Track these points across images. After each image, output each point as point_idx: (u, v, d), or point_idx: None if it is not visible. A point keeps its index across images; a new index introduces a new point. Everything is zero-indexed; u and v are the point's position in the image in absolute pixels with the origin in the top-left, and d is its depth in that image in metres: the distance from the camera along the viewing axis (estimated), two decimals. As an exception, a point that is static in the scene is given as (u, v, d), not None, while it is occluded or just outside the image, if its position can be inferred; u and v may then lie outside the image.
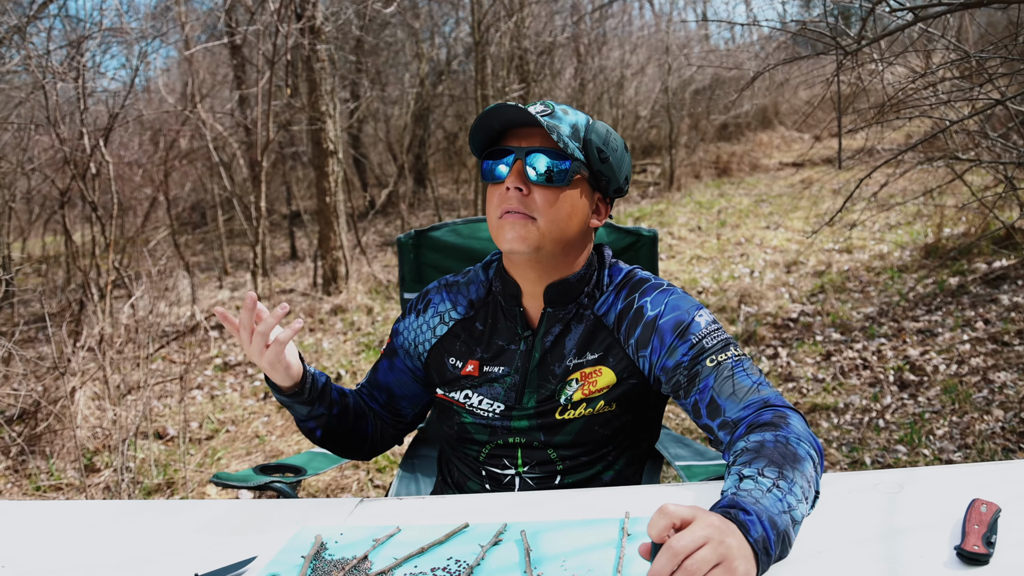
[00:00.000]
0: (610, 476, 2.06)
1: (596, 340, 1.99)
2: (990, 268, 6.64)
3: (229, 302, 9.53)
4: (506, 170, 1.89)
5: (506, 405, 2.02)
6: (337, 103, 9.97)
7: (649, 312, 1.94)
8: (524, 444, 2.03)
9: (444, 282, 2.18)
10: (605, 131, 1.93)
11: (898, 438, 4.43)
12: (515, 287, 2.02)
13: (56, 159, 7.98)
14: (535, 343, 2.02)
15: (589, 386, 1.97)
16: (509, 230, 1.89)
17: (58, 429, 5.15)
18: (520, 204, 1.87)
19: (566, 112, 1.92)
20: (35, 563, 1.74)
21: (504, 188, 1.89)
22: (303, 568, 1.57)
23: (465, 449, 2.11)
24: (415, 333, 2.16)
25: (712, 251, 9.57)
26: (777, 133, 18.68)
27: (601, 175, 1.94)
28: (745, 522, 1.36)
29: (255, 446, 5.30)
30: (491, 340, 2.06)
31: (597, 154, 1.90)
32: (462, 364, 2.08)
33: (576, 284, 2.00)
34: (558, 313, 2.01)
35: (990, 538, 1.38)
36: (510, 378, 2.02)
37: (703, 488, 1.76)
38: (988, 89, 3.74)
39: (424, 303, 2.17)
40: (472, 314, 2.11)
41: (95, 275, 6.72)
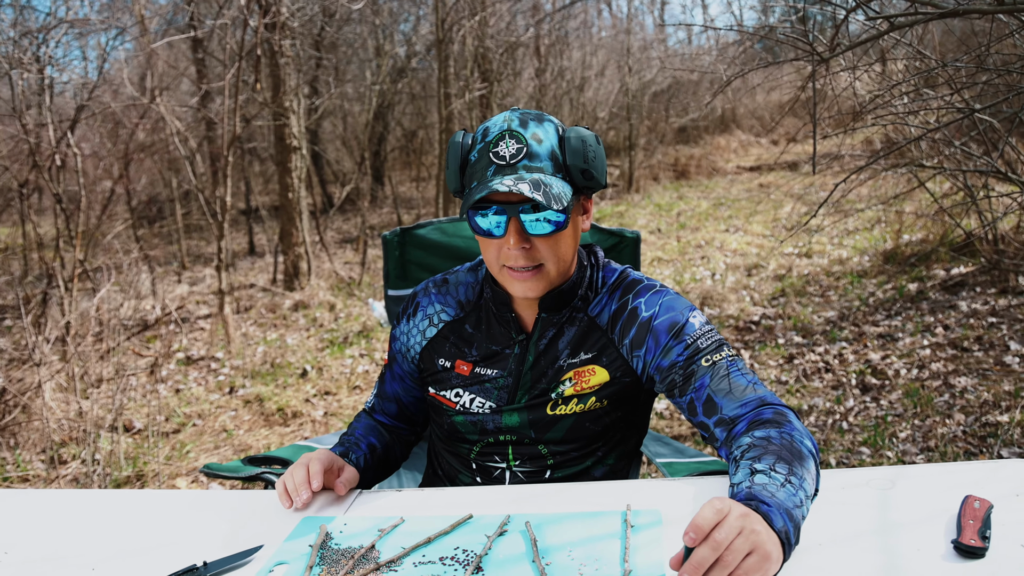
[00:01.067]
0: (601, 472, 2.09)
1: (589, 340, 2.01)
2: (949, 275, 6.76)
3: (188, 296, 9.46)
4: (500, 227, 1.87)
5: (497, 404, 2.04)
6: (301, 99, 9.94)
7: (643, 313, 1.97)
8: (515, 441, 2.05)
9: (433, 283, 2.19)
10: (580, 143, 1.88)
11: (862, 440, 4.50)
12: (506, 295, 2.03)
13: (16, 150, 7.89)
14: (529, 347, 2.04)
15: (582, 383, 2.00)
16: (519, 285, 1.91)
17: (23, 421, 5.10)
18: (527, 260, 1.88)
19: (539, 140, 1.86)
20: (38, 550, 1.74)
21: (504, 245, 1.88)
22: (311, 557, 1.59)
23: (456, 446, 2.13)
24: (407, 337, 2.17)
25: (673, 253, 9.65)
26: (735, 137, 18.84)
27: (586, 187, 1.93)
28: (767, 513, 1.41)
29: (223, 440, 5.28)
30: (483, 344, 2.07)
31: (581, 174, 1.88)
32: (451, 364, 2.09)
33: (570, 290, 2.01)
34: (552, 317, 2.03)
35: (985, 532, 1.43)
36: (503, 380, 2.04)
37: (696, 483, 1.80)
38: (956, 99, 3.82)
39: (413, 306, 2.18)
40: (462, 315, 2.12)
41: (59, 267, 6.65)
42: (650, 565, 1.46)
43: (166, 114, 8.53)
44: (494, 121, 1.90)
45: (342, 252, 11.66)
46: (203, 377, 6.62)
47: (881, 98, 4.12)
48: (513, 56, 13.13)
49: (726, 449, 1.77)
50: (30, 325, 5.41)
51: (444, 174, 10.69)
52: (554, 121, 1.92)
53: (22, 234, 9.53)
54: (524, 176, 1.81)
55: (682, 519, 1.63)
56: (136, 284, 8.23)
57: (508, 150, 1.84)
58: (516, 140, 1.84)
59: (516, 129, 1.85)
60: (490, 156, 1.85)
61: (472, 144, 1.92)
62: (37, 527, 1.86)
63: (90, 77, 9.37)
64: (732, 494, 1.51)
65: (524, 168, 1.83)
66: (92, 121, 9.32)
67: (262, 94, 8.82)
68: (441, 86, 10.39)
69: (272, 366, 6.68)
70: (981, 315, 5.84)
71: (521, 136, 1.84)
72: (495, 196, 1.84)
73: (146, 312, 8.36)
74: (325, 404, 5.81)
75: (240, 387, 6.25)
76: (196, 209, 13.31)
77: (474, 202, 1.84)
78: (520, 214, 1.84)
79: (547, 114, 1.94)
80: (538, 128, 1.87)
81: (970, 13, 2.88)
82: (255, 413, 5.69)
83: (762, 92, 16.65)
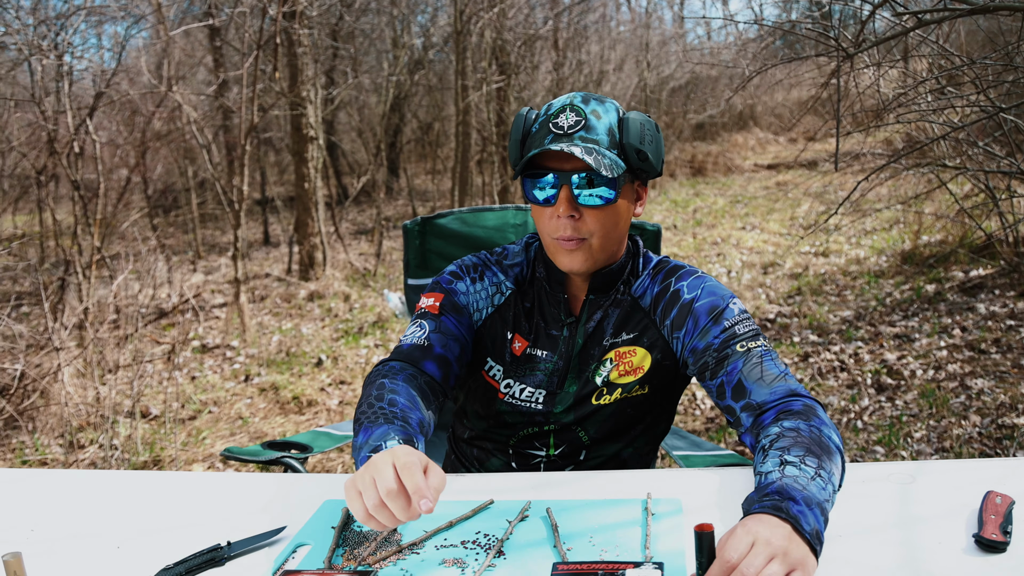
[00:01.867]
0: (629, 453, 2.11)
1: (632, 321, 2.03)
2: (967, 277, 6.74)
3: (204, 285, 9.50)
4: (552, 194, 1.90)
5: (547, 391, 2.05)
6: (319, 89, 9.95)
7: (686, 295, 1.98)
8: (557, 430, 2.07)
9: (494, 254, 2.18)
10: (639, 127, 1.92)
11: (876, 439, 4.50)
12: (561, 274, 2.04)
13: (34, 137, 7.92)
14: (578, 330, 2.05)
15: (624, 366, 2.02)
16: (565, 257, 1.93)
17: (41, 405, 5.13)
18: (573, 230, 1.90)
19: (598, 115, 1.90)
20: (63, 529, 1.76)
21: (554, 214, 1.91)
22: (333, 538, 1.61)
23: (495, 433, 2.14)
24: (474, 297, 2.12)
25: (689, 250, 9.64)
26: (753, 135, 18.79)
27: (641, 171, 1.96)
28: (797, 515, 1.39)
29: (239, 427, 5.30)
30: (536, 323, 2.09)
31: (636, 155, 1.91)
32: (511, 336, 2.09)
33: (618, 271, 2.04)
34: (600, 300, 2.05)
35: (1006, 528, 1.44)
36: (552, 364, 2.05)
37: (716, 473, 1.81)
38: (980, 99, 3.80)
39: (478, 272, 2.14)
40: (519, 291, 2.12)
41: (76, 254, 6.68)
42: (670, 553, 1.46)
43: (183, 103, 8.56)
44: (558, 99, 1.95)
45: (357, 243, 11.68)
46: (219, 365, 6.65)
47: (904, 96, 4.11)
48: (531, 49, 13.11)
49: (751, 435, 1.77)
50: (48, 311, 5.44)
51: (460, 167, 10.77)
52: (616, 104, 1.97)
53: (39, 221, 9.57)
54: (579, 144, 1.85)
55: (702, 508, 1.64)
56: (153, 272, 8.26)
57: (567, 121, 1.89)
58: (576, 113, 1.89)
59: (578, 104, 1.91)
60: (549, 126, 1.90)
61: (535, 119, 1.97)
62: (62, 506, 1.87)
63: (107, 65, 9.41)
64: (761, 483, 1.50)
65: (580, 138, 1.87)
66: (109, 109, 9.35)
67: (279, 83, 8.83)
68: (458, 78, 10.38)
69: (287, 355, 6.70)
70: (999, 317, 5.82)
71: (581, 110, 1.90)
72: (549, 163, 1.89)
73: (162, 300, 8.40)
74: (340, 393, 5.83)
75: (255, 375, 6.27)
76: (212, 198, 13.36)
77: (528, 167, 1.91)
78: (573, 185, 1.87)
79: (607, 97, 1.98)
80: (599, 106, 1.92)
81: (1000, 10, 2.87)
82: (270, 401, 5.72)
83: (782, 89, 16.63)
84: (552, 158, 1.89)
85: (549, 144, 1.85)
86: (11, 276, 8.51)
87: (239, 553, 1.60)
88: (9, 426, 5.17)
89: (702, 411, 5.14)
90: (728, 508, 1.63)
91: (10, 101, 7.69)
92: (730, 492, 1.70)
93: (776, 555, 1.31)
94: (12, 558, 1.40)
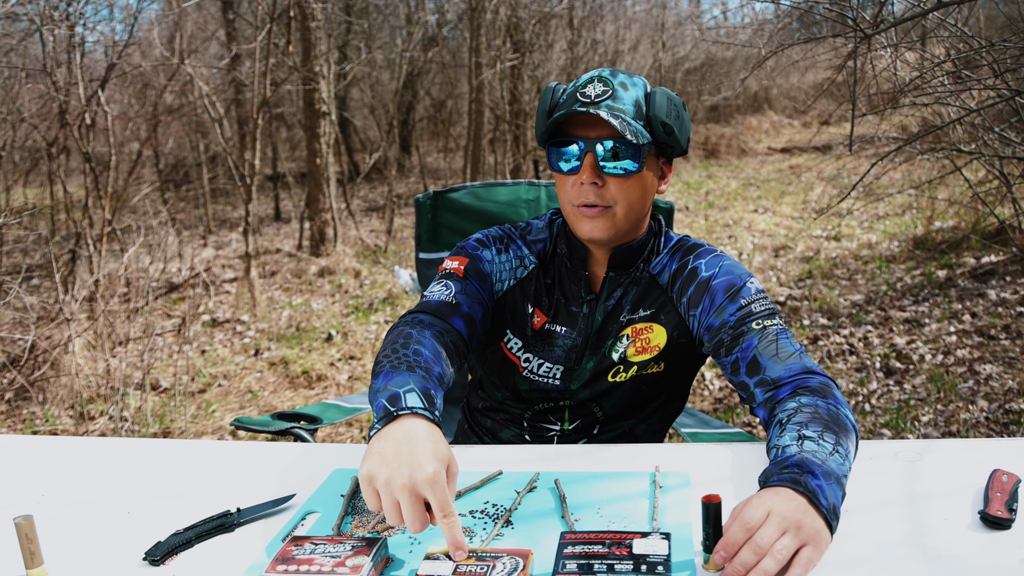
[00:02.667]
0: (642, 429, 2.12)
1: (649, 298, 2.04)
2: (979, 263, 6.72)
3: (214, 260, 9.52)
4: (577, 162, 1.90)
5: (565, 367, 2.06)
6: (331, 64, 9.94)
7: (703, 273, 1.98)
8: (572, 406, 2.08)
9: (518, 228, 2.18)
10: (666, 101, 1.92)
11: (884, 422, 4.50)
12: (583, 250, 2.04)
13: (45, 109, 7.93)
14: (597, 307, 2.05)
15: (642, 343, 2.02)
16: (587, 223, 1.93)
17: (51, 376, 5.16)
18: (597, 197, 1.90)
19: (625, 87, 1.90)
20: (74, 494, 1.77)
21: (578, 181, 1.90)
22: (343, 506, 1.62)
23: (511, 405, 2.15)
24: (498, 267, 2.12)
25: (700, 231, 9.63)
26: (767, 118, 18.72)
27: (666, 146, 1.96)
28: (815, 489, 1.38)
29: (248, 400, 5.33)
30: (557, 297, 2.09)
31: (662, 128, 1.91)
32: (532, 311, 2.09)
33: (639, 249, 2.04)
34: (620, 277, 2.05)
35: (1012, 505, 1.44)
36: (571, 340, 2.06)
37: (725, 448, 1.81)
38: (997, 83, 3.78)
39: (504, 244, 2.14)
40: (541, 266, 2.12)
41: (87, 227, 6.70)
42: (678, 525, 1.47)
43: (195, 76, 8.56)
44: (588, 73, 1.95)
45: (368, 220, 11.69)
46: (228, 339, 6.68)
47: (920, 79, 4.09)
48: (546, 27, 13.06)
49: (764, 409, 1.77)
50: (59, 283, 5.46)
51: (473, 145, 10.75)
52: (645, 80, 1.97)
53: (50, 194, 9.59)
54: (604, 111, 1.85)
55: (710, 482, 1.64)
56: (163, 246, 8.29)
57: (594, 90, 1.89)
58: (603, 84, 1.90)
59: (606, 75, 1.92)
60: (577, 95, 1.90)
61: (563, 92, 1.98)
62: (73, 473, 1.89)
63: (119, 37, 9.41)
64: (778, 456, 1.50)
65: (607, 107, 1.87)
66: (121, 82, 9.36)
67: (292, 58, 8.83)
68: (472, 56, 10.36)
69: (297, 330, 6.72)
70: (1010, 304, 5.81)
71: (609, 81, 1.90)
72: (575, 131, 1.90)
73: (173, 274, 8.43)
74: (350, 368, 5.85)
75: (265, 350, 6.30)
76: (223, 173, 13.37)
77: (553, 135, 1.92)
78: (597, 149, 1.88)
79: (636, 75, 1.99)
80: (627, 79, 1.93)
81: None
82: (280, 375, 5.74)
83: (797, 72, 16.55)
84: (577, 125, 1.90)
85: (576, 108, 1.85)
86: (22, 248, 8.54)
87: (249, 520, 1.61)
88: (20, 396, 5.20)
89: (710, 391, 5.15)
90: (736, 482, 1.64)
91: (22, 72, 7.69)
92: (738, 467, 1.71)
93: (789, 528, 1.31)
94: (24, 520, 1.42)
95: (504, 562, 1.34)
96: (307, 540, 1.43)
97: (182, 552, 1.51)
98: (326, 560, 1.37)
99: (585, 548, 1.34)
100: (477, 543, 1.47)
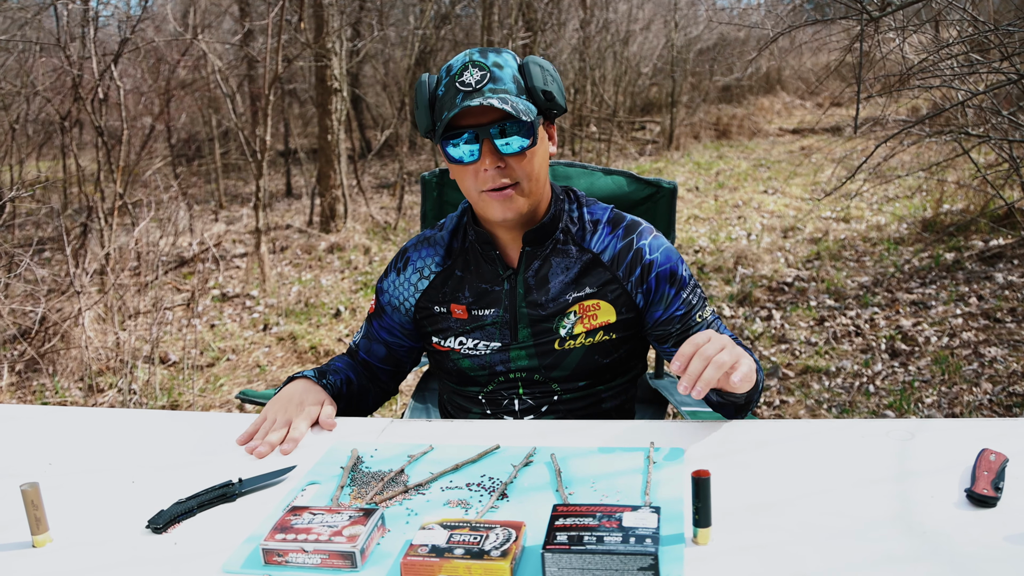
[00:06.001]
0: (608, 394, 2.18)
1: (592, 275, 2.08)
2: (987, 246, 6.72)
3: (225, 235, 9.55)
4: (474, 151, 1.94)
5: (501, 344, 2.11)
6: (344, 41, 9.94)
7: (647, 256, 2.06)
8: (524, 379, 2.12)
9: (421, 238, 2.25)
10: (538, 68, 1.97)
11: (887, 404, 4.52)
12: (488, 234, 2.10)
13: (58, 83, 7.96)
14: (517, 280, 2.10)
15: (589, 320, 2.07)
16: (498, 206, 1.97)
17: (61, 349, 5.20)
18: (502, 177, 1.95)
19: (500, 67, 1.95)
20: (80, 463, 1.81)
21: (480, 168, 1.95)
22: (342, 478, 1.65)
23: (465, 389, 2.20)
24: (398, 290, 2.22)
25: (710, 212, 9.62)
26: (779, 99, 18.64)
27: (549, 111, 2.01)
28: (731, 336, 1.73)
29: (256, 375, 5.37)
30: (474, 284, 2.13)
31: (543, 96, 1.96)
32: (447, 309, 2.15)
33: (551, 223, 2.08)
34: (536, 250, 2.09)
35: (998, 484, 1.47)
36: (499, 318, 2.10)
37: (718, 425, 1.84)
38: (1005, 66, 3.78)
39: (403, 261, 2.23)
40: (450, 263, 2.18)
41: (99, 200, 6.74)
42: (670, 500, 1.50)
43: (208, 51, 8.58)
44: (456, 59, 1.98)
45: (378, 197, 11.71)
46: (237, 314, 6.72)
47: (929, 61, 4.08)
48: (559, 6, 13.04)
49: None
50: (70, 256, 5.50)
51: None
52: (512, 52, 2.02)
53: (63, 167, 9.62)
54: (491, 96, 1.89)
55: (704, 458, 1.67)
56: (174, 220, 8.32)
57: (472, 77, 1.92)
58: (479, 68, 1.93)
59: (478, 59, 1.95)
60: (456, 86, 1.93)
61: (438, 83, 2.00)
62: (79, 442, 1.93)
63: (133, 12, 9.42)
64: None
65: (490, 91, 1.91)
66: (134, 56, 9.38)
67: (304, 34, 8.83)
68: (484, 34, 10.35)
69: (306, 305, 6.76)
70: (1017, 287, 5.81)
71: (483, 64, 1.94)
72: (463, 121, 1.93)
73: (183, 248, 8.47)
74: (357, 344, 5.88)
75: (274, 325, 6.33)
76: (235, 148, 13.39)
77: (446, 129, 1.94)
78: (492, 137, 1.91)
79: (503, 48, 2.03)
80: (498, 57, 1.97)
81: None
82: (288, 350, 5.78)
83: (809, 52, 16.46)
84: (467, 115, 1.93)
85: (464, 102, 1.88)
86: (34, 221, 8.58)
87: (250, 490, 1.64)
88: (30, 368, 5.25)
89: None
90: (731, 458, 1.67)
91: (35, 46, 7.72)
92: (733, 443, 1.74)
93: (726, 346, 1.64)
94: (30, 487, 1.45)
95: (497, 532, 1.37)
96: (306, 510, 1.47)
97: (184, 520, 1.55)
98: (324, 529, 1.40)
99: (576, 520, 1.36)
100: (473, 515, 1.50)
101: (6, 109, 8.27)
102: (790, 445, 1.71)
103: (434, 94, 1.99)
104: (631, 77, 15.62)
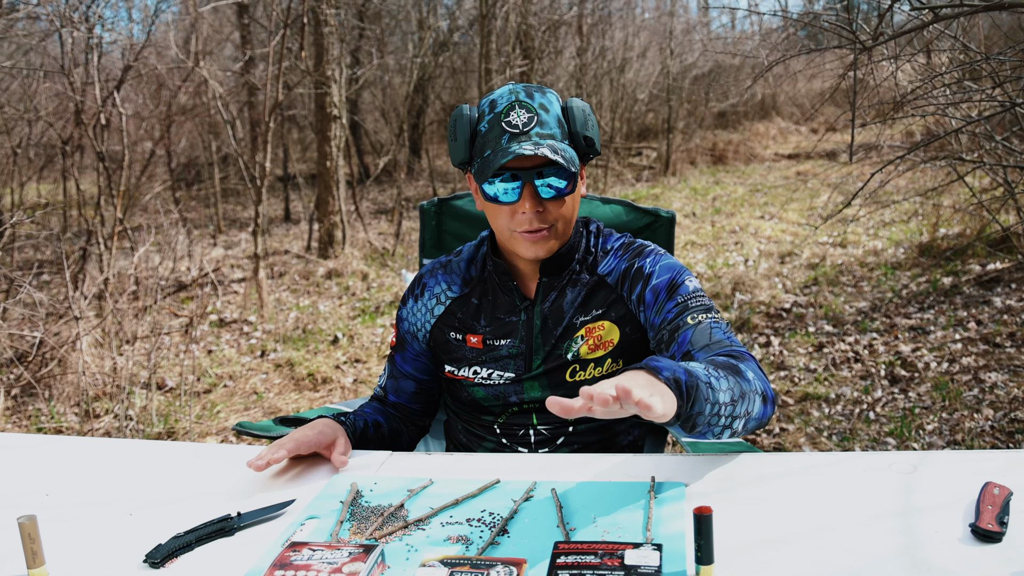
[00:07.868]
0: (622, 427, 2.17)
1: (598, 297, 2.09)
2: (984, 270, 6.72)
3: (223, 259, 9.55)
4: (514, 193, 1.94)
5: (515, 375, 2.10)
6: (343, 68, 9.98)
7: (647, 271, 2.05)
8: (538, 410, 2.11)
9: (438, 264, 2.25)
10: (582, 112, 1.98)
11: (888, 431, 4.51)
12: (505, 266, 2.11)
13: (61, 108, 7.99)
14: (535, 312, 2.10)
15: (593, 340, 2.07)
16: (530, 247, 1.99)
17: (58, 373, 5.19)
18: (539, 222, 1.95)
19: (545, 109, 1.96)
20: (77, 495, 1.80)
21: (518, 211, 1.96)
22: (342, 512, 1.64)
23: (479, 418, 2.19)
24: (416, 317, 2.22)
25: (707, 238, 9.63)
26: (774, 124, 18.70)
27: (587, 156, 2.02)
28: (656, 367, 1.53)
29: (253, 402, 5.36)
30: (492, 314, 2.13)
31: (584, 141, 1.98)
32: (462, 337, 2.15)
33: (568, 253, 2.09)
34: (553, 281, 2.10)
35: (1003, 518, 1.45)
36: (516, 349, 2.10)
37: (720, 459, 1.83)
38: (998, 92, 3.80)
39: (420, 287, 2.23)
40: (467, 291, 2.18)
41: (99, 224, 6.74)
42: (672, 535, 1.49)
43: (209, 78, 8.61)
44: (499, 93, 1.98)
45: (377, 223, 11.72)
46: (235, 340, 6.71)
47: (922, 89, 4.10)
48: (555, 34, 13.09)
49: None
50: (69, 280, 5.50)
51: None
52: (553, 92, 2.02)
53: (63, 191, 9.64)
54: (540, 142, 1.90)
55: (707, 493, 1.66)
56: (173, 245, 8.33)
57: (520, 119, 1.92)
58: (526, 109, 1.93)
59: (524, 99, 1.95)
60: (502, 126, 1.93)
61: (480, 116, 1.99)
62: (76, 473, 1.92)
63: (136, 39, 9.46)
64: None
65: (537, 135, 1.92)
66: (136, 82, 9.42)
67: (305, 62, 8.86)
68: (482, 61, 10.39)
69: (304, 332, 6.75)
70: (1015, 311, 5.81)
71: (530, 105, 1.94)
72: (511, 162, 1.92)
73: (182, 273, 8.46)
74: (355, 371, 5.88)
75: (272, 351, 6.32)
76: (234, 174, 13.42)
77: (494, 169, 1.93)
78: (534, 180, 1.92)
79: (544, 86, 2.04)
80: (543, 98, 1.97)
81: (1016, 7, 2.87)
82: (285, 377, 5.77)
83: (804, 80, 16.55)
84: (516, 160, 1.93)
85: (515, 147, 1.88)
86: (33, 244, 8.59)
87: (248, 524, 1.63)
88: (26, 393, 5.24)
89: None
90: (733, 493, 1.66)
91: (39, 71, 7.75)
92: (736, 478, 1.72)
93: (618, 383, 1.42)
94: (27, 520, 1.44)
95: (498, 570, 1.36)
96: (305, 545, 1.46)
97: (182, 555, 1.54)
98: (323, 566, 1.39)
99: (578, 558, 1.36)
100: (474, 551, 1.49)
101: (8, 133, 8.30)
102: (792, 480, 1.69)
103: (475, 129, 1.99)
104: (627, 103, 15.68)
